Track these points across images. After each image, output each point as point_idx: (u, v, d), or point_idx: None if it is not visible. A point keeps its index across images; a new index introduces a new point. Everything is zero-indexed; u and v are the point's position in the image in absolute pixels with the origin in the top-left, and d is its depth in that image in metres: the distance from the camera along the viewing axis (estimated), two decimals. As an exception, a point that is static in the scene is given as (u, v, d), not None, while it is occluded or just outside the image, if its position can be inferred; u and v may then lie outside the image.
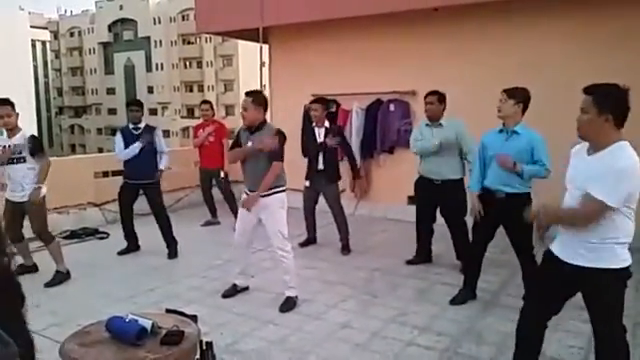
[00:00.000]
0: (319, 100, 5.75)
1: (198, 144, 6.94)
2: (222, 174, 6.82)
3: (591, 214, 2.33)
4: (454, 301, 4.16)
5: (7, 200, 4.72)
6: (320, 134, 5.59)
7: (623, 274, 2.40)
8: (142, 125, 5.55)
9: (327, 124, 5.67)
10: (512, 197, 3.81)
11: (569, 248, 2.46)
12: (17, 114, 4.59)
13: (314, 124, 5.66)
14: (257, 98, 4.08)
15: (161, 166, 5.63)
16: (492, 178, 3.97)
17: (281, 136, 4.10)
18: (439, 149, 4.73)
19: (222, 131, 6.96)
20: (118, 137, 5.56)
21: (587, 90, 2.40)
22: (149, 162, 5.49)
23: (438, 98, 4.82)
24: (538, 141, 3.81)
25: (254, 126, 4.10)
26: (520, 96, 3.87)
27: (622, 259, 2.39)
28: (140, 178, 5.48)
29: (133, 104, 5.68)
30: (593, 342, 2.55)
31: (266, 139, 4.00)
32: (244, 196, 4.20)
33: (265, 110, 4.18)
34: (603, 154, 2.36)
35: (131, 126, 5.55)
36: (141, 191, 5.61)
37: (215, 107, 7.45)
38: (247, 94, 4.14)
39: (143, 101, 6.31)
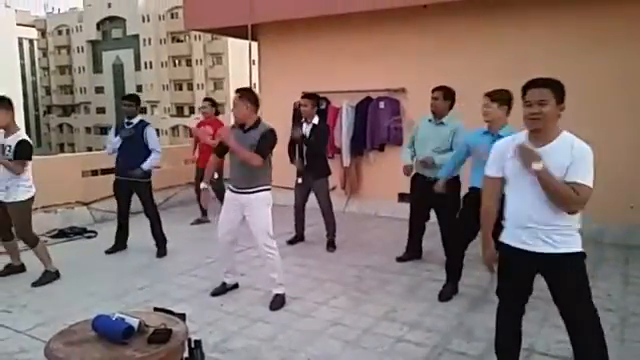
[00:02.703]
0: (310, 95, 5.60)
1: (195, 137, 7.11)
2: (215, 175, 6.69)
3: (585, 200, 2.41)
4: (441, 297, 4.18)
5: None
6: (307, 131, 5.48)
7: (584, 255, 2.52)
8: (135, 120, 5.47)
9: (316, 121, 5.52)
10: None
11: (535, 237, 2.50)
12: (11, 113, 4.48)
13: (303, 120, 5.56)
14: (246, 95, 4.03)
15: (144, 166, 5.38)
16: (480, 179, 3.98)
17: (271, 135, 4.04)
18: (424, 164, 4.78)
19: None
20: (111, 131, 5.63)
21: (542, 83, 2.44)
22: (137, 159, 5.38)
23: (444, 94, 4.69)
24: None
25: (246, 124, 4.04)
26: (503, 98, 3.86)
27: (580, 242, 2.51)
28: (127, 175, 5.43)
29: (125, 98, 5.62)
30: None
31: (224, 132, 4.07)
32: (228, 193, 4.16)
33: (256, 108, 4.11)
34: (557, 144, 2.43)
35: (125, 121, 5.52)
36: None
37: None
38: (237, 91, 4.11)
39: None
